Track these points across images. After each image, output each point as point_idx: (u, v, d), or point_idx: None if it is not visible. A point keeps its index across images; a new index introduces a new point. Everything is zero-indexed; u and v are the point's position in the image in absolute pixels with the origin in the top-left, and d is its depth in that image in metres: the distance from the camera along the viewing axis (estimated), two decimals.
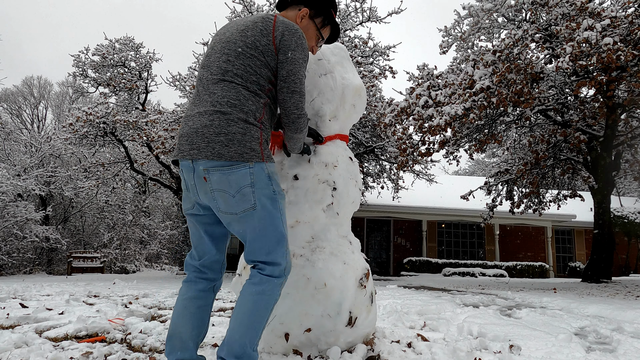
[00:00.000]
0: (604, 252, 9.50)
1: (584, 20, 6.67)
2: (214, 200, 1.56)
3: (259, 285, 1.55)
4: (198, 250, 1.71)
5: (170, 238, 22.28)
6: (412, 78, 10.37)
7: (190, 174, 1.59)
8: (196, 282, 1.69)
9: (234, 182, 1.52)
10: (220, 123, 1.55)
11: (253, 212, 1.54)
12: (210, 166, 1.52)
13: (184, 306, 1.66)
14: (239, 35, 1.64)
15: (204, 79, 1.66)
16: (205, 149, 1.53)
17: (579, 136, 9.21)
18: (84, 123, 11.79)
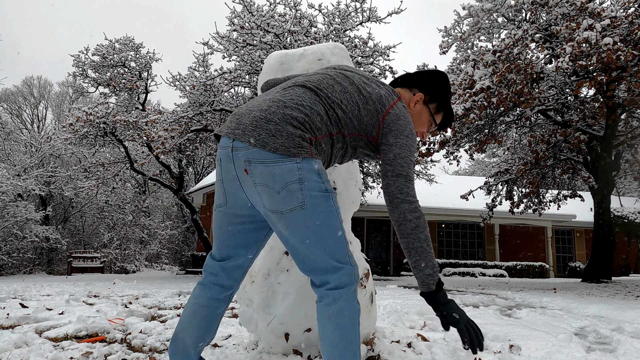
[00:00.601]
0: (604, 252, 9.50)
1: (584, 21, 6.67)
2: (258, 195, 1.38)
3: (333, 304, 1.34)
4: (222, 252, 1.55)
5: (170, 238, 22.31)
6: None
7: (229, 164, 1.42)
8: (210, 288, 1.55)
9: (279, 176, 1.34)
10: (277, 111, 1.43)
11: (302, 211, 1.34)
12: (251, 157, 1.36)
13: (194, 311, 1.55)
14: (359, 78, 1.56)
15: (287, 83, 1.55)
16: (251, 132, 1.39)
17: (579, 136, 9.21)
18: (84, 123, 11.79)
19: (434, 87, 1.74)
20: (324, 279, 1.36)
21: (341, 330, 1.33)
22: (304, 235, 1.35)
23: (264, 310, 2.01)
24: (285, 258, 2.05)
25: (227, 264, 1.55)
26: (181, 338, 1.55)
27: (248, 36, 9.89)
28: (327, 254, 1.35)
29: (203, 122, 10.72)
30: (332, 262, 1.36)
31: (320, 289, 1.37)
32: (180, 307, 4.16)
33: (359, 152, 1.59)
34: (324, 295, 1.36)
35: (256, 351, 2.09)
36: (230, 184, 1.45)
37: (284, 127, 1.38)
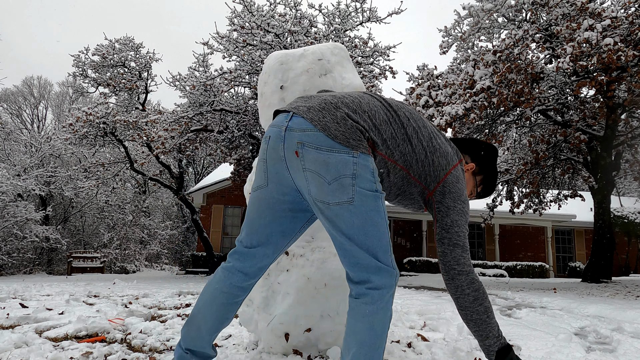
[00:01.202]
0: (604, 252, 9.50)
1: (585, 21, 6.67)
2: (306, 180, 1.32)
3: (371, 304, 1.30)
4: (252, 238, 1.46)
5: (170, 238, 22.31)
6: (412, 78, 10.38)
7: (278, 144, 1.35)
8: (233, 274, 1.47)
9: (333, 166, 1.28)
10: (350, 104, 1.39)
11: (349, 206, 1.29)
12: (306, 141, 1.30)
13: (214, 297, 1.48)
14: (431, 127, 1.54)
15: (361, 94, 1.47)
16: (316, 113, 1.34)
17: (579, 136, 9.21)
18: (84, 123, 11.80)
19: (487, 161, 1.75)
20: (365, 277, 1.32)
21: (374, 332, 1.30)
22: (348, 231, 1.30)
23: (264, 310, 2.01)
24: (285, 258, 2.05)
25: (257, 252, 1.48)
26: (196, 322, 1.49)
27: (248, 36, 9.89)
28: (370, 253, 1.31)
29: (203, 122, 10.73)
30: (375, 262, 1.31)
31: (360, 286, 1.32)
32: (180, 307, 4.16)
33: (407, 197, 1.52)
34: (362, 294, 1.31)
35: (256, 351, 2.09)
36: (274, 163, 1.38)
37: (350, 119, 1.34)
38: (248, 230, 1.47)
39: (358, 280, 1.32)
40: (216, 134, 10.73)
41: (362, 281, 1.31)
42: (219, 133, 10.73)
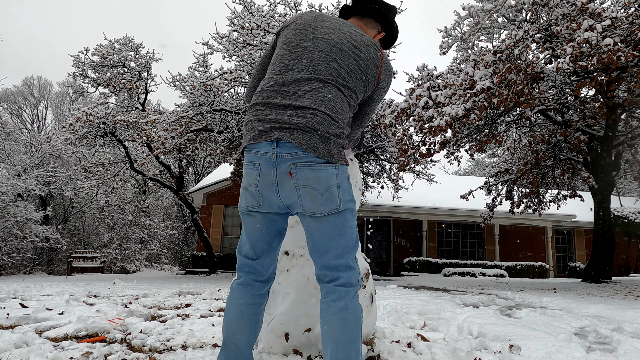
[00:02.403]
0: (604, 252, 9.50)
1: (585, 21, 6.67)
2: (299, 197, 1.48)
3: (339, 300, 1.45)
4: (256, 249, 1.58)
5: (170, 238, 22.30)
6: (411, 79, 10.37)
7: (270, 169, 1.48)
8: (252, 286, 1.59)
9: (323, 179, 1.47)
10: (323, 120, 1.51)
11: (337, 214, 1.49)
12: (299, 161, 1.45)
13: (241, 312, 1.56)
14: (352, 51, 1.63)
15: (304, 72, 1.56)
16: (301, 136, 1.46)
17: (579, 136, 9.21)
18: (84, 123, 11.79)
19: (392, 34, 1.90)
20: (335, 275, 1.48)
21: (346, 327, 1.41)
22: (332, 233, 1.48)
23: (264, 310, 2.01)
24: (284, 258, 2.05)
25: (264, 260, 1.59)
26: (233, 342, 1.56)
27: (248, 36, 9.89)
28: (345, 253, 1.49)
29: (203, 122, 10.72)
30: (347, 261, 1.49)
31: (329, 284, 1.48)
32: (180, 307, 4.16)
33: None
34: (331, 291, 1.47)
35: (256, 351, 2.09)
36: (266, 187, 1.51)
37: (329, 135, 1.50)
38: (250, 244, 1.59)
39: (328, 280, 1.49)
40: (216, 134, 10.73)
41: (332, 280, 1.48)
42: (219, 133, 10.73)
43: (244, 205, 1.57)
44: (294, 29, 1.66)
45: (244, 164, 1.57)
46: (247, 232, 1.59)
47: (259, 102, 1.58)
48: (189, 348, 2.34)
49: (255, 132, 1.53)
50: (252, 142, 1.52)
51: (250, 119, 1.58)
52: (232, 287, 1.61)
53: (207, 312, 3.80)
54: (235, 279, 1.61)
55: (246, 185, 1.55)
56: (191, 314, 3.60)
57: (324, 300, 1.48)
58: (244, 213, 1.58)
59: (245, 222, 1.59)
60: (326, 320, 1.44)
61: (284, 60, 1.61)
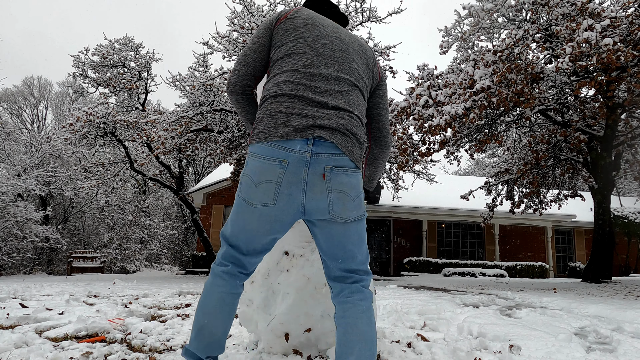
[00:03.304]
0: (604, 252, 9.50)
1: (584, 21, 6.66)
2: (329, 201, 1.43)
3: (366, 301, 1.47)
4: (249, 246, 1.51)
5: (170, 238, 22.31)
6: (412, 78, 10.37)
7: (301, 168, 1.41)
8: (237, 276, 1.52)
9: (355, 185, 1.47)
10: (358, 124, 1.52)
11: (360, 220, 1.51)
12: (335, 164, 1.42)
13: (222, 300, 1.49)
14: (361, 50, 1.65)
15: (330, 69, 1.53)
16: (341, 138, 1.45)
17: (579, 136, 9.21)
18: (84, 123, 11.79)
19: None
20: (360, 278, 1.51)
21: (372, 326, 1.44)
22: (356, 239, 1.50)
23: (264, 310, 2.01)
24: (284, 258, 2.05)
25: (254, 258, 1.55)
26: (209, 330, 1.49)
27: (248, 36, 9.89)
28: (366, 259, 1.55)
29: (203, 122, 10.72)
30: (367, 267, 1.55)
31: (355, 284, 1.50)
32: (180, 307, 4.16)
33: None
34: (357, 291, 1.48)
35: (256, 351, 2.09)
36: (289, 186, 1.43)
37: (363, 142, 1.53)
38: (246, 239, 1.51)
39: (353, 281, 1.50)
40: (216, 134, 10.73)
41: (357, 281, 1.50)
42: (219, 133, 10.73)
43: (256, 200, 1.45)
44: (304, 24, 1.59)
45: (255, 159, 1.46)
46: (246, 225, 1.49)
47: (287, 93, 1.49)
48: None
49: (290, 128, 1.43)
50: (285, 138, 1.42)
51: (281, 110, 1.47)
52: (215, 273, 1.52)
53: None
54: (219, 266, 1.53)
55: (258, 180, 1.44)
56: (191, 314, 3.60)
57: (348, 300, 1.46)
58: (252, 205, 1.46)
59: (247, 214, 1.48)
60: (353, 319, 1.42)
61: (306, 55, 1.54)
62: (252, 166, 1.46)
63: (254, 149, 1.47)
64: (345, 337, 1.41)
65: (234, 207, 1.52)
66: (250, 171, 1.46)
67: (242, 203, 1.48)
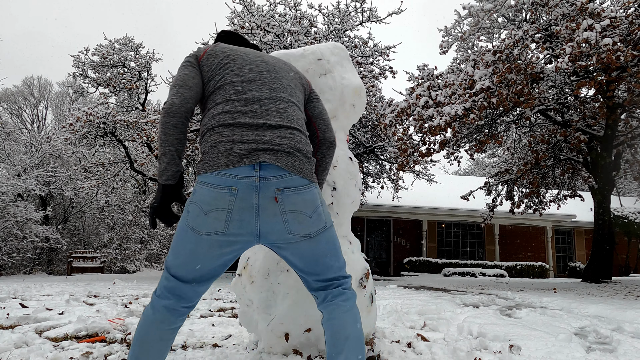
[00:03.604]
0: (604, 252, 9.50)
1: (584, 21, 6.66)
2: (285, 222, 1.44)
3: (349, 301, 1.51)
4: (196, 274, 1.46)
5: (170, 238, 22.29)
6: (412, 78, 10.37)
7: (251, 193, 1.40)
8: (178, 311, 1.46)
9: (310, 201, 1.47)
10: (302, 140, 1.53)
11: (325, 231, 1.51)
12: (285, 186, 1.42)
13: (161, 337, 1.43)
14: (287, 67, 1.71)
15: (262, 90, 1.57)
16: (286, 158, 1.45)
17: (579, 136, 9.21)
18: (84, 123, 11.79)
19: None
20: (340, 283, 1.54)
21: (359, 324, 1.48)
22: (327, 249, 1.51)
23: (264, 310, 2.01)
24: None
25: (201, 287, 1.48)
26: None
27: (248, 36, 9.88)
28: (343, 265, 1.56)
29: None
30: (345, 271, 1.57)
31: (337, 289, 1.53)
32: None
33: None
34: (339, 294, 1.51)
35: (256, 351, 2.09)
36: (240, 212, 1.41)
37: (308, 154, 1.53)
38: (193, 268, 1.45)
39: (335, 286, 1.53)
40: None
41: (339, 285, 1.53)
42: None
43: (205, 229, 1.42)
44: (225, 56, 1.63)
45: (203, 187, 1.42)
46: (193, 254, 1.44)
47: (224, 123, 1.49)
48: (189, 348, 2.34)
49: (233, 156, 1.43)
50: (230, 167, 1.41)
51: (221, 140, 1.46)
52: (156, 308, 1.44)
53: (207, 312, 3.80)
54: (161, 299, 1.45)
55: (208, 209, 1.41)
56: (191, 314, 3.60)
57: (332, 302, 1.50)
58: (200, 234, 1.42)
59: (195, 243, 1.43)
60: (338, 319, 1.46)
61: (235, 84, 1.56)
62: (201, 194, 1.43)
63: (201, 179, 1.44)
64: (333, 339, 1.45)
65: (179, 236, 1.46)
66: (198, 199, 1.43)
67: (189, 231, 1.44)
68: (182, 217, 1.48)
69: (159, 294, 1.47)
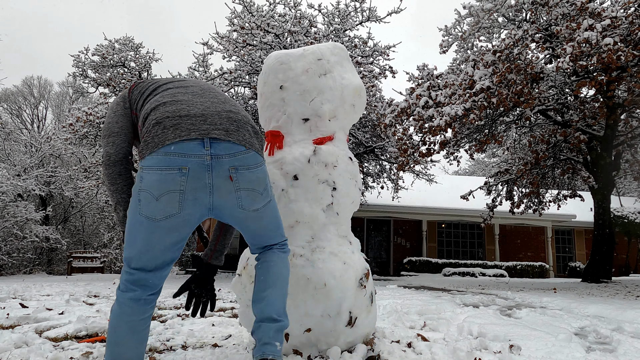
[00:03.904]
0: (604, 252, 9.50)
1: (584, 21, 6.66)
2: (238, 199, 1.47)
3: (284, 253, 1.69)
4: (157, 261, 1.44)
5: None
6: (412, 78, 10.37)
7: (204, 173, 1.39)
8: (146, 300, 1.44)
9: (262, 179, 1.54)
10: (246, 116, 1.60)
11: (269, 204, 1.60)
12: (239, 164, 1.44)
13: (133, 329, 1.42)
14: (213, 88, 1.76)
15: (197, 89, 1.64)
16: (237, 132, 1.47)
17: (579, 136, 9.21)
18: (84, 123, 11.79)
19: None
20: (283, 241, 1.72)
21: (288, 272, 1.70)
22: (270, 222, 1.63)
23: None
24: None
25: (163, 272, 1.48)
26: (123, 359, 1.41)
27: (248, 36, 9.88)
28: (281, 229, 1.71)
29: None
30: (283, 234, 1.72)
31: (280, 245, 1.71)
32: (180, 307, 4.16)
33: None
34: (278, 249, 1.69)
35: None
36: (194, 192, 1.40)
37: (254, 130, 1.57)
38: (153, 255, 1.43)
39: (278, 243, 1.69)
40: None
41: (280, 243, 1.70)
42: None
43: (159, 214, 1.38)
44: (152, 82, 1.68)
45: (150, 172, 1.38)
46: (151, 242, 1.41)
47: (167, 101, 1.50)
48: (189, 348, 2.34)
49: (181, 129, 1.39)
50: (178, 141, 1.37)
51: (168, 115, 1.43)
52: (122, 303, 1.42)
53: (207, 312, 3.79)
54: (126, 293, 1.43)
55: (159, 193, 1.37)
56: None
57: (270, 251, 1.66)
58: (155, 221, 1.39)
59: (151, 230, 1.40)
60: (274, 262, 1.63)
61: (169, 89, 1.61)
62: (149, 180, 1.38)
63: (146, 163, 1.40)
64: (266, 274, 1.62)
65: (133, 227, 1.42)
66: (147, 186, 1.38)
67: (142, 220, 1.40)
68: (132, 207, 1.44)
69: (123, 288, 1.45)
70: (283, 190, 2.05)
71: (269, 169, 2.08)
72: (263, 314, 1.56)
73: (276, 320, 1.55)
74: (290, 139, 2.17)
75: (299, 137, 2.17)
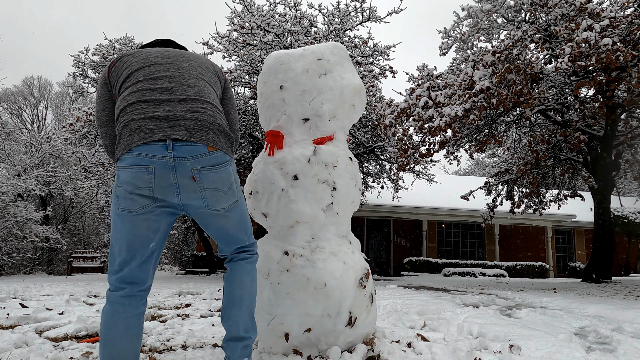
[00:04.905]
0: (604, 252, 9.50)
1: (583, 21, 6.67)
2: (203, 199, 1.51)
3: (250, 264, 1.71)
4: (141, 255, 1.49)
5: (170, 238, 22.29)
6: (411, 79, 10.37)
7: (168, 173, 1.44)
8: (136, 297, 1.49)
9: (226, 180, 1.56)
10: (214, 113, 1.58)
11: (237, 205, 1.63)
12: (201, 166, 1.46)
13: (127, 326, 1.45)
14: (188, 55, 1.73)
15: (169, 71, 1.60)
16: (199, 133, 1.48)
17: (579, 136, 9.21)
18: (84, 123, 11.79)
19: None
20: (247, 248, 1.72)
21: (255, 284, 1.71)
22: (238, 223, 1.66)
23: (264, 310, 2.01)
24: (284, 258, 2.05)
25: (148, 265, 1.52)
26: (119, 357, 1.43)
27: (248, 36, 9.88)
28: (251, 235, 1.73)
29: None
30: (251, 237, 1.74)
31: (243, 253, 1.71)
32: (180, 307, 4.16)
33: None
34: (245, 258, 1.71)
35: (256, 351, 2.09)
36: (163, 190, 1.47)
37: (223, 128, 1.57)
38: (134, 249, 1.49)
39: (241, 250, 1.71)
40: None
41: (246, 251, 1.71)
42: None
43: (135, 206, 1.46)
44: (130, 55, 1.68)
45: (124, 169, 1.46)
46: (133, 234, 1.48)
47: (134, 101, 1.52)
48: (189, 348, 2.34)
49: (145, 132, 1.45)
50: (142, 143, 1.43)
51: (133, 118, 1.48)
52: (113, 301, 1.47)
53: (207, 312, 3.80)
54: (116, 292, 1.48)
55: (132, 189, 1.45)
56: (191, 314, 3.60)
57: (237, 263, 1.68)
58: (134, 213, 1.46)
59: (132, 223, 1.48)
60: (240, 277, 1.66)
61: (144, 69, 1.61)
62: (123, 177, 1.48)
63: (120, 163, 1.50)
64: (231, 291, 1.64)
65: (115, 223, 1.52)
66: (122, 182, 1.48)
67: (123, 215, 1.49)
68: (112, 206, 1.54)
69: (113, 288, 1.52)
70: (283, 190, 2.05)
71: (269, 169, 2.08)
72: (230, 334, 1.63)
73: (243, 339, 1.63)
74: (290, 139, 2.17)
75: (299, 137, 2.17)
